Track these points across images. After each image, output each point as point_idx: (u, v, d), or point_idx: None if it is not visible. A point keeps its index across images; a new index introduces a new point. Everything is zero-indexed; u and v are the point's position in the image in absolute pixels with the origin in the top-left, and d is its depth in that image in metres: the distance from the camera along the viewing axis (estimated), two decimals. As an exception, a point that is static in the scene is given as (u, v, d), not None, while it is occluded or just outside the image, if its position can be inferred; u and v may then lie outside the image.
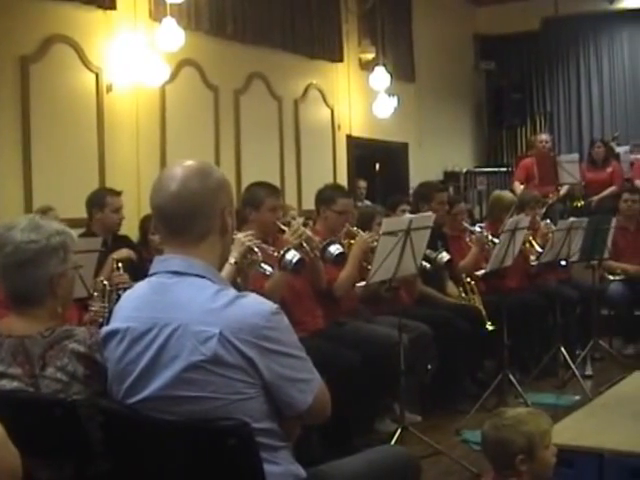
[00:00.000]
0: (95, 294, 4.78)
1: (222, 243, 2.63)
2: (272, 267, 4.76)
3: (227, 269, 4.48)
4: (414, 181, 10.67)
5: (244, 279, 4.64)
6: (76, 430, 2.46)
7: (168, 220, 2.56)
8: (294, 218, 7.23)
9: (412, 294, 6.54)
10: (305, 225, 6.40)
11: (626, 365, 7.11)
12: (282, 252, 4.83)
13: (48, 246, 2.69)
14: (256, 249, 4.63)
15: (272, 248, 4.87)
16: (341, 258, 5.47)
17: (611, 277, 8.36)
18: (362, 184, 11.14)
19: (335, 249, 5.38)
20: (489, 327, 6.50)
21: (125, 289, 3.54)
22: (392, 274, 5.15)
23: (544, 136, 11.14)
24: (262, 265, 4.68)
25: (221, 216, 2.58)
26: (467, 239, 7.13)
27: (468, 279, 6.91)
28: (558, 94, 14.83)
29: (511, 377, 6.14)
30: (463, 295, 6.94)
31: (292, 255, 4.84)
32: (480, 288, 6.95)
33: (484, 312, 6.60)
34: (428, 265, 5.93)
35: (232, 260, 4.50)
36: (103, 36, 7.77)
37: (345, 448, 4.58)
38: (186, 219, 2.53)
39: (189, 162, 2.60)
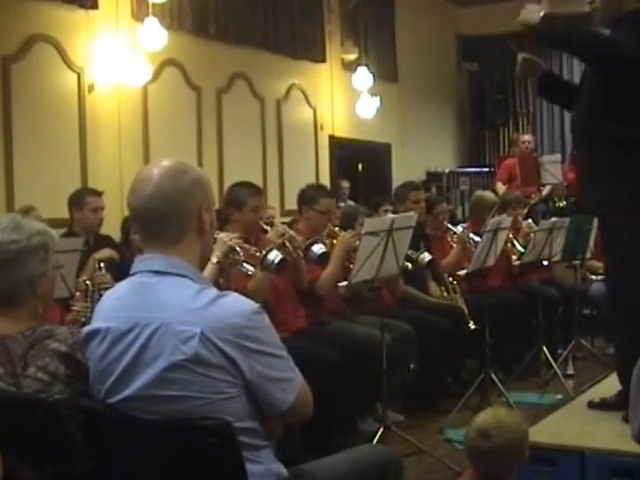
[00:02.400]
0: (77, 294, 4.77)
1: (201, 242, 2.61)
2: (254, 267, 4.77)
3: (209, 269, 4.49)
4: (397, 181, 10.66)
5: (226, 279, 4.65)
6: (58, 430, 2.45)
7: (144, 222, 2.56)
8: (272, 217, 7.22)
9: (394, 294, 6.56)
10: (288, 225, 6.40)
11: (608, 364, 7.10)
12: (264, 252, 4.84)
13: (29, 246, 2.68)
14: (238, 249, 4.64)
15: (254, 248, 4.87)
16: (324, 258, 5.48)
17: (593, 277, 8.39)
18: (345, 184, 11.14)
19: (318, 248, 5.40)
20: (471, 326, 6.52)
21: (107, 289, 3.54)
22: (374, 274, 5.16)
23: (526, 136, 11.17)
24: (244, 265, 4.69)
25: (198, 215, 2.57)
26: (449, 239, 7.16)
27: (450, 279, 6.94)
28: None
29: (493, 376, 6.17)
30: (445, 295, 6.96)
31: (274, 255, 4.84)
32: (462, 288, 6.98)
33: (466, 311, 6.63)
34: (410, 265, 5.95)
35: (214, 260, 4.51)
36: (85, 36, 7.74)
37: (327, 447, 4.58)
38: (161, 221, 2.53)
39: (164, 162, 2.59)
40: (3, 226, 2.68)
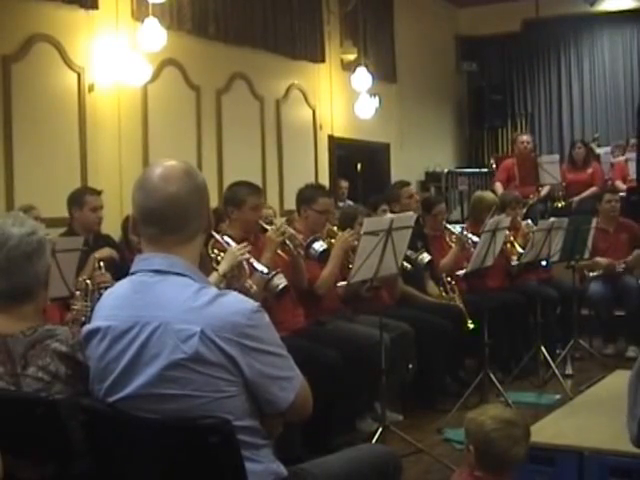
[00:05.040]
0: (77, 293, 4.79)
1: (202, 242, 2.67)
2: (257, 285, 4.76)
3: (214, 277, 4.51)
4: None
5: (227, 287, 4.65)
6: (57, 429, 2.46)
7: (163, 221, 2.54)
8: (269, 217, 7.22)
9: (393, 294, 6.56)
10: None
11: (606, 364, 7.16)
12: (270, 275, 4.80)
13: (43, 238, 2.70)
14: (246, 265, 4.64)
15: (265, 270, 4.80)
16: (325, 255, 5.51)
17: (591, 274, 8.36)
18: (344, 184, 11.14)
19: (319, 246, 5.43)
20: (470, 325, 6.53)
21: (107, 288, 3.55)
22: (373, 274, 5.16)
23: (525, 137, 11.17)
24: (248, 281, 4.68)
25: (207, 215, 2.64)
26: (447, 239, 7.16)
27: (448, 278, 6.94)
28: (539, 95, 14.89)
29: (492, 376, 6.17)
30: (444, 294, 6.96)
31: (279, 280, 4.81)
32: (461, 288, 6.98)
33: (465, 310, 6.64)
34: (409, 266, 5.96)
35: (221, 271, 4.53)
36: (85, 36, 7.75)
37: (326, 447, 4.59)
38: (183, 219, 2.55)
39: (173, 162, 2.61)
40: (12, 222, 2.68)
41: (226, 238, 4.85)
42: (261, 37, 9.83)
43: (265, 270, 4.80)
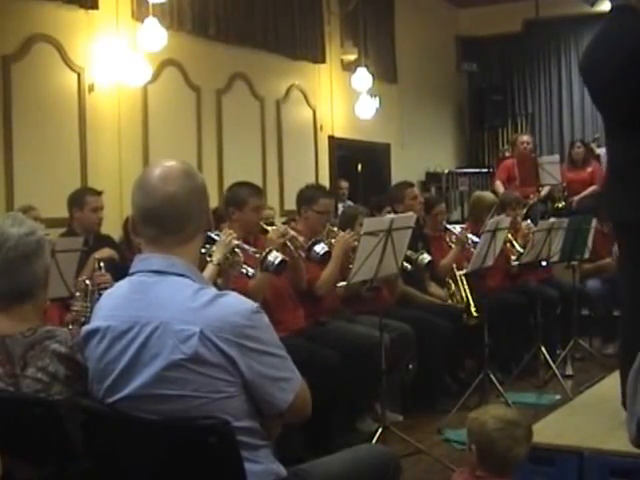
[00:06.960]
0: (77, 294, 4.78)
1: (202, 241, 2.68)
2: (253, 268, 4.78)
3: (209, 270, 4.52)
4: (396, 182, 10.67)
5: (225, 280, 4.67)
6: (57, 429, 2.46)
7: (162, 221, 2.55)
8: (269, 218, 7.22)
9: (393, 294, 6.55)
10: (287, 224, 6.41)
11: (606, 365, 7.13)
12: (264, 253, 4.85)
13: (42, 238, 2.70)
14: (238, 250, 4.66)
15: (253, 249, 4.88)
16: (327, 257, 5.51)
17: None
18: (344, 185, 11.14)
19: (321, 248, 5.43)
20: (474, 314, 6.55)
21: (107, 289, 3.53)
22: (373, 274, 5.16)
23: (525, 137, 11.18)
24: (244, 266, 4.70)
25: (207, 215, 2.66)
26: (447, 239, 7.16)
27: (451, 280, 6.94)
28: (539, 95, 14.88)
29: (492, 376, 6.17)
30: (450, 293, 6.95)
31: (274, 256, 4.86)
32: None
33: (472, 302, 6.65)
34: (409, 266, 5.96)
35: (215, 261, 4.54)
36: (85, 36, 7.74)
37: (326, 447, 4.59)
38: (182, 220, 2.56)
39: (172, 163, 2.62)
40: (10, 222, 2.67)
41: (215, 233, 4.87)
42: (261, 37, 9.82)
43: (253, 249, 4.84)
